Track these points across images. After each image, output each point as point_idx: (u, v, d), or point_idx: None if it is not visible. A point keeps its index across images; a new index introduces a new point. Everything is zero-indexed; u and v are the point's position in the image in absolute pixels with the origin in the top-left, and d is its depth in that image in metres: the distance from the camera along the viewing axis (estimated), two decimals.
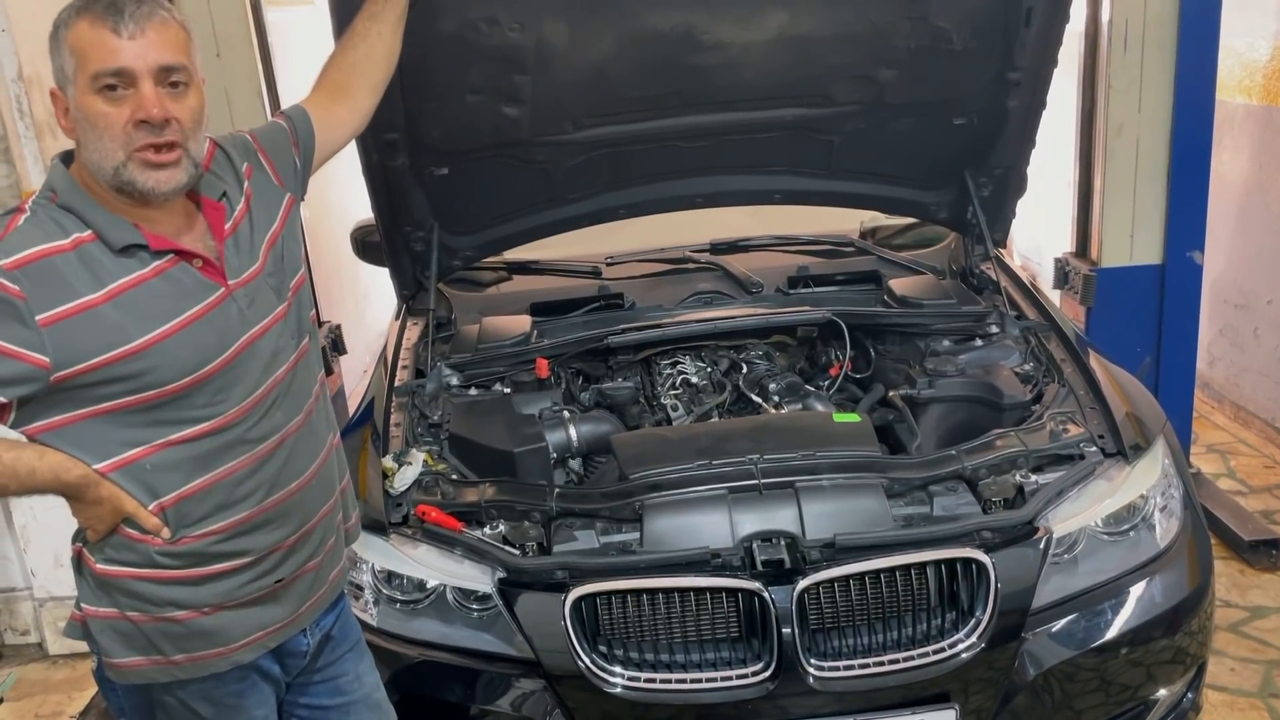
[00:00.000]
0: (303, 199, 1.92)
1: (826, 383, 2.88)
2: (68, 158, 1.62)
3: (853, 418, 2.45)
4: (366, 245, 3.53)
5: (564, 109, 2.72)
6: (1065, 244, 4.14)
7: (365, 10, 2.05)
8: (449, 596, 2.19)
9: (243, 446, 1.66)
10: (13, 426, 1.56)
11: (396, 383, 2.77)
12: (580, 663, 2.03)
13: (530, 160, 2.86)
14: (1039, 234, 5.12)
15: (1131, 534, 2.24)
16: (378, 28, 2.05)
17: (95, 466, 1.57)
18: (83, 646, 3.49)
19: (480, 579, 2.16)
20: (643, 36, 2.52)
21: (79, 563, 1.69)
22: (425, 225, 2.98)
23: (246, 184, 1.76)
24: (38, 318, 1.48)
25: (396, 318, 3.23)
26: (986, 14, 2.57)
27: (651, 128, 2.82)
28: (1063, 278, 4.03)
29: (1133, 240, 3.84)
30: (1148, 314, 3.88)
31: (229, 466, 1.65)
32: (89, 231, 1.55)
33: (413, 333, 3.05)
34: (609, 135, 2.81)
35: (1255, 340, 4.47)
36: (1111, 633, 2.16)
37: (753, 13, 2.50)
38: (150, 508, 1.61)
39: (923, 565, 2.06)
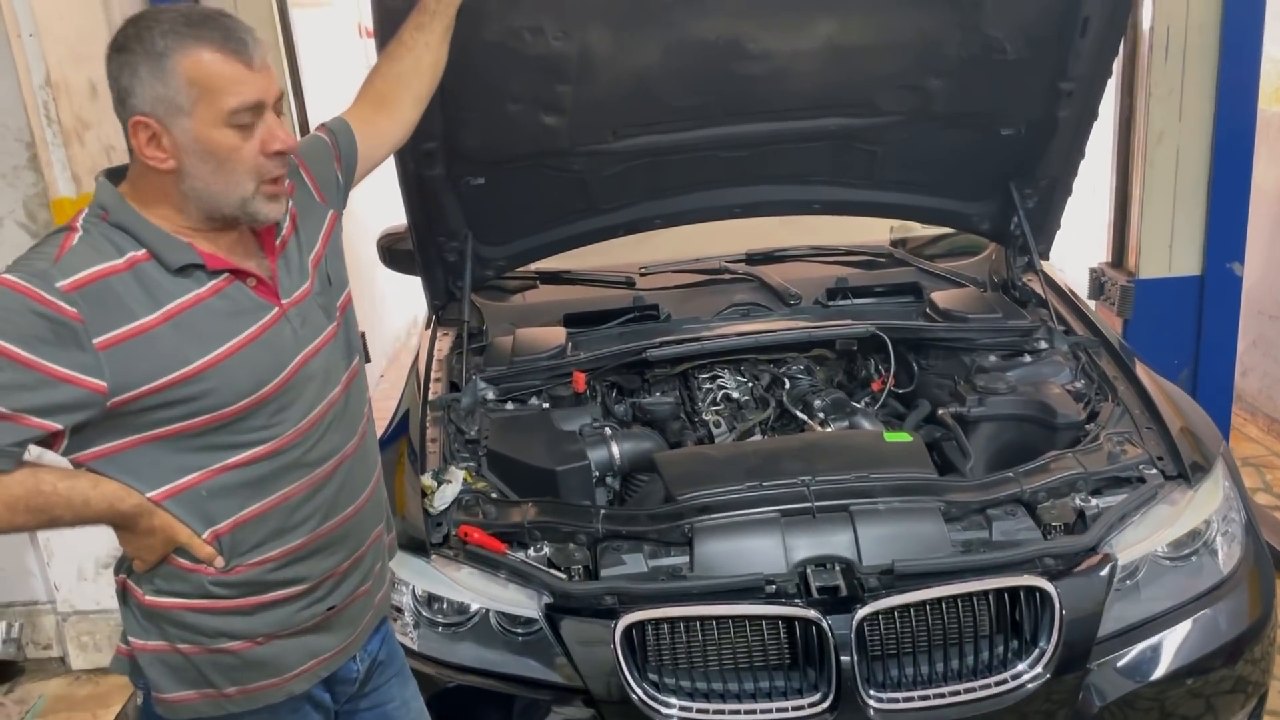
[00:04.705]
0: (343, 213, 1.87)
1: (868, 399, 2.82)
2: (113, 174, 1.57)
3: (904, 437, 2.39)
4: (394, 254, 3.47)
5: (604, 118, 2.66)
6: (1093, 253, 4.08)
7: (412, 21, 2.01)
8: (492, 620, 2.14)
9: (299, 470, 1.61)
10: (64, 454, 1.50)
11: (430, 396, 2.71)
12: (633, 693, 1.98)
13: (568, 170, 2.80)
14: (1066, 242, 5.04)
15: (1194, 559, 2.19)
16: (425, 38, 2.00)
17: (149, 494, 1.52)
18: (105, 660, 3.45)
19: (526, 603, 2.10)
20: (689, 45, 2.46)
21: (124, 594, 1.63)
22: (459, 235, 2.92)
23: (290, 201, 1.71)
24: (95, 341, 1.42)
25: (426, 327, 3.17)
26: (1042, 23, 2.50)
27: (692, 137, 2.76)
28: (1098, 288, 3.98)
29: (1171, 251, 3.78)
30: (1186, 326, 3.82)
31: (285, 491, 1.60)
32: (143, 250, 1.49)
33: (443, 343, 2.99)
34: (649, 145, 2.76)
35: None
36: (1176, 662, 2.10)
37: (802, 22, 2.44)
38: (204, 535, 1.55)
39: (985, 593, 2.00)
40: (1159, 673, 2.09)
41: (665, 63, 2.50)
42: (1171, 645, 2.11)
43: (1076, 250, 4.40)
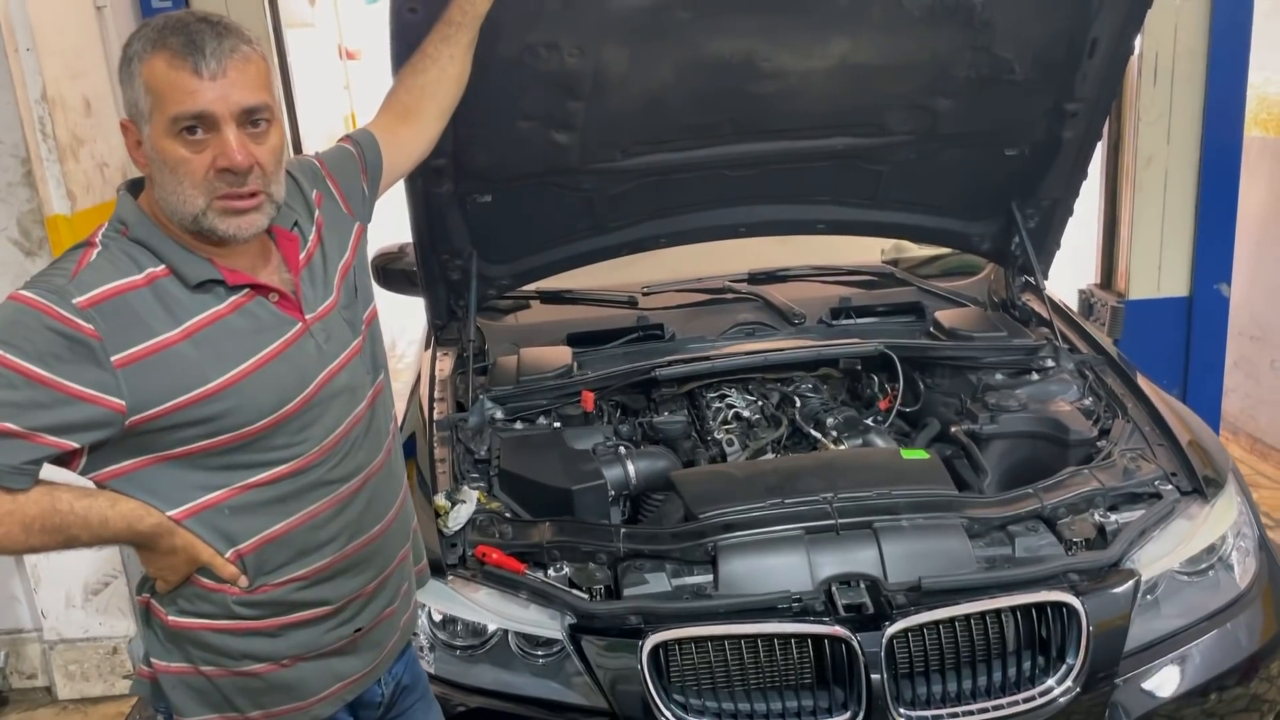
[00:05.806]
0: (368, 225, 1.84)
1: (876, 417, 2.82)
2: (134, 187, 1.53)
3: (921, 454, 2.38)
4: (388, 273, 3.45)
5: (615, 136, 2.65)
6: (1080, 275, 4.12)
7: (437, 33, 1.99)
8: (511, 642, 2.10)
9: (324, 488, 1.57)
10: (83, 473, 1.46)
11: (436, 416, 2.67)
12: (661, 714, 1.94)
13: (575, 188, 2.78)
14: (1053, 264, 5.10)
15: (1211, 574, 2.20)
16: (449, 50, 1.99)
17: (170, 513, 1.48)
18: (93, 689, 3.35)
19: (547, 624, 2.07)
20: (703, 63, 2.46)
21: (147, 615, 1.59)
22: (463, 253, 2.89)
23: (317, 212, 1.69)
24: (113, 358, 1.38)
25: (426, 347, 3.13)
26: (1051, 44, 2.53)
27: (701, 156, 2.75)
28: (1087, 309, 4.02)
29: (1160, 272, 3.84)
30: (1174, 347, 3.88)
31: (310, 510, 1.56)
32: (163, 266, 1.46)
33: (444, 363, 2.95)
34: (657, 163, 2.75)
35: (1272, 371, 4.47)
36: (1196, 679, 2.10)
37: (817, 41, 2.45)
38: (228, 555, 1.52)
39: (1013, 609, 1.99)
40: (1180, 689, 2.09)
41: (678, 81, 2.50)
42: (1192, 661, 2.11)
43: (1062, 271, 4.46)
